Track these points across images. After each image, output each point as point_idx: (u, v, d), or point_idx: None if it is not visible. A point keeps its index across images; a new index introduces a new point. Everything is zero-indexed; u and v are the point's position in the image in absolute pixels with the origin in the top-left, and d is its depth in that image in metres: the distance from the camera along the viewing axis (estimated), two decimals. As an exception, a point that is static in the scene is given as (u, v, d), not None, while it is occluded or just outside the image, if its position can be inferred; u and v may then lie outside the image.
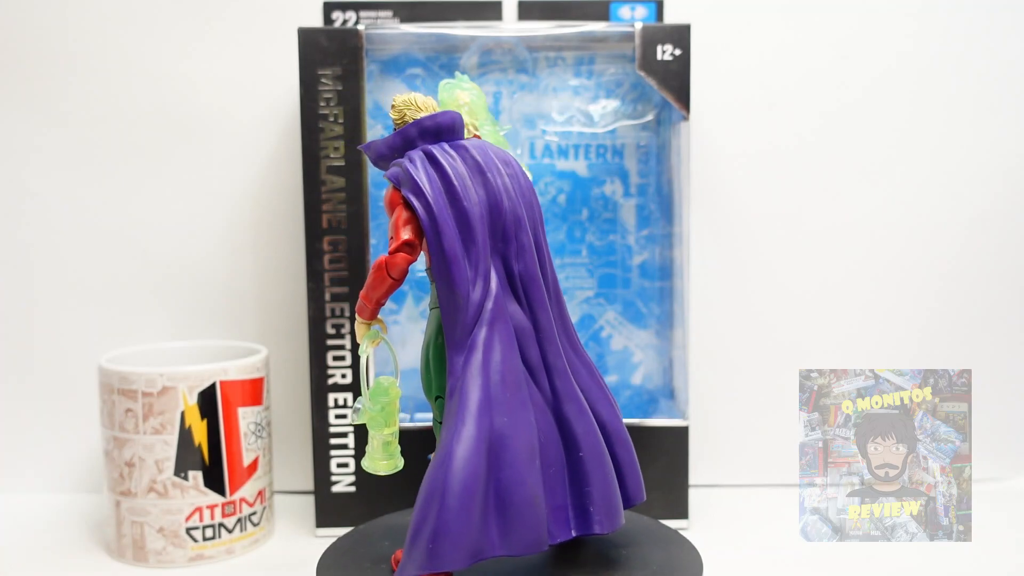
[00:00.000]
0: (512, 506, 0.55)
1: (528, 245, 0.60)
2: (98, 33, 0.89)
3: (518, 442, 0.56)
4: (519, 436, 0.56)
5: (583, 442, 0.59)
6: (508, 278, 0.59)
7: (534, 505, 0.56)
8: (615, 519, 0.60)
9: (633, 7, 0.86)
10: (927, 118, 0.90)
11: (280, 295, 0.90)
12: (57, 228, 0.90)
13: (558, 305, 0.62)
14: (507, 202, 0.59)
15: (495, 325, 0.58)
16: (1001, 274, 0.91)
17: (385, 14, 0.85)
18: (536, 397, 0.59)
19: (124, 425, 0.74)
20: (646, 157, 0.84)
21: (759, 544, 0.77)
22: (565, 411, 0.60)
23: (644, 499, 0.63)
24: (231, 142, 0.89)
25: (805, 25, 0.89)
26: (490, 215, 0.59)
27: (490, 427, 0.56)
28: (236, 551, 0.76)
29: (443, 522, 0.54)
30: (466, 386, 0.56)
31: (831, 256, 0.90)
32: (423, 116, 0.60)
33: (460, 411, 0.56)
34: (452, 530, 0.54)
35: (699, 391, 0.88)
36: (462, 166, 0.59)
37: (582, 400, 0.61)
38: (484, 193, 0.59)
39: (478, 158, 0.59)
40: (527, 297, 0.60)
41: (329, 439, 0.79)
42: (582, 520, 0.59)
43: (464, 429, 0.55)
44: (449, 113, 0.60)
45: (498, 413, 0.56)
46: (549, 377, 0.60)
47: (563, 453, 0.60)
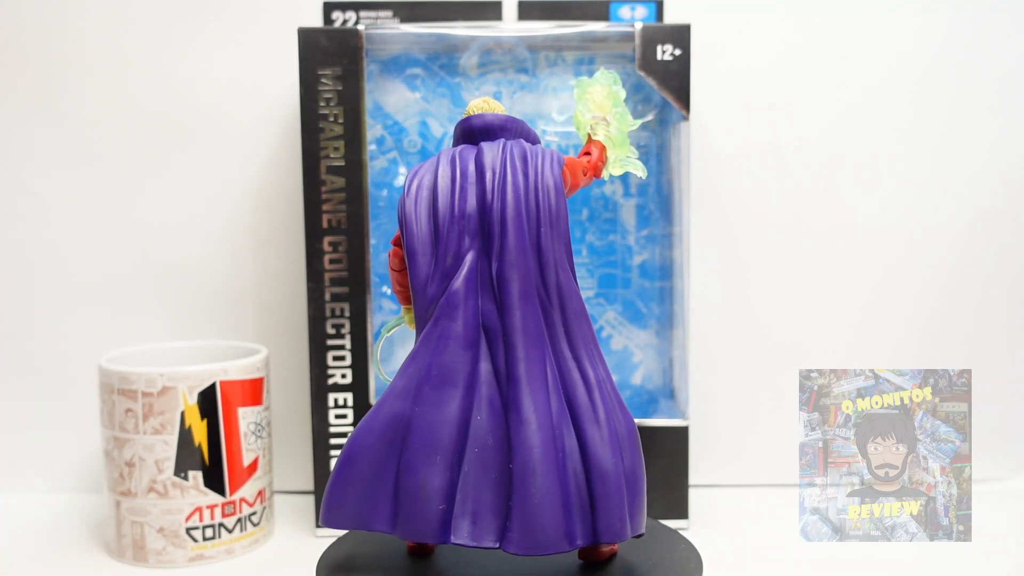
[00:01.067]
0: (402, 491, 0.58)
1: (513, 245, 0.58)
2: (98, 33, 0.89)
3: (423, 433, 0.58)
4: (425, 429, 0.58)
5: (516, 455, 0.57)
6: (489, 278, 0.59)
7: (421, 496, 0.57)
8: (534, 543, 0.56)
9: (633, 7, 0.86)
10: (927, 118, 0.90)
11: (280, 295, 0.90)
12: (57, 228, 0.90)
13: (561, 310, 0.60)
14: (496, 202, 0.59)
15: (440, 321, 0.59)
16: (1001, 274, 0.91)
17: (385, 14, 0.85)
18: (494, 399, 0.58)
19: (124, 425, 0.74)
20: (646, 157, 0.84)
21: (759, 544, 0.77)
22: (509, 419, 0.58)
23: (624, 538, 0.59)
24: (231, 142, 0.89)
25: (805, 25, 0.89)
26: (479, 215, 0.59)
27: (402, 413, 0.59)
28: (236, 551, 0.76)
29: (332, 486, 0.59)
30: (400, 372, 0.60)
31: (831, 256, 0.90)
32: (461, 119, 0.63)
33: (385, 393, 0.60)
34: (336, 495, 0.59)
35: (699, 391, 0.88)
36: (464, 169, 0.60)
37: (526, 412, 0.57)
38: (477, 194, 0.60)
39: (485, 159, 0.60)
40: (500, 298, 0.59)
41: (329, 439, 0.79)
42: (501, 532, 0.57)
43: (380, 409, 0.59)
44: (485, 116, 0.62)
45: (415, 402, 0.58)
46: (499, 382, 0.59)
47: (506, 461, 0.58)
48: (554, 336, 0.60)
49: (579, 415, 0.59)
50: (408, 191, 0.61)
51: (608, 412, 0.59)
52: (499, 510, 0.57)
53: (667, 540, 0.66)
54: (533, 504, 0.56)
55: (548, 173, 0.59)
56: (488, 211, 0.59)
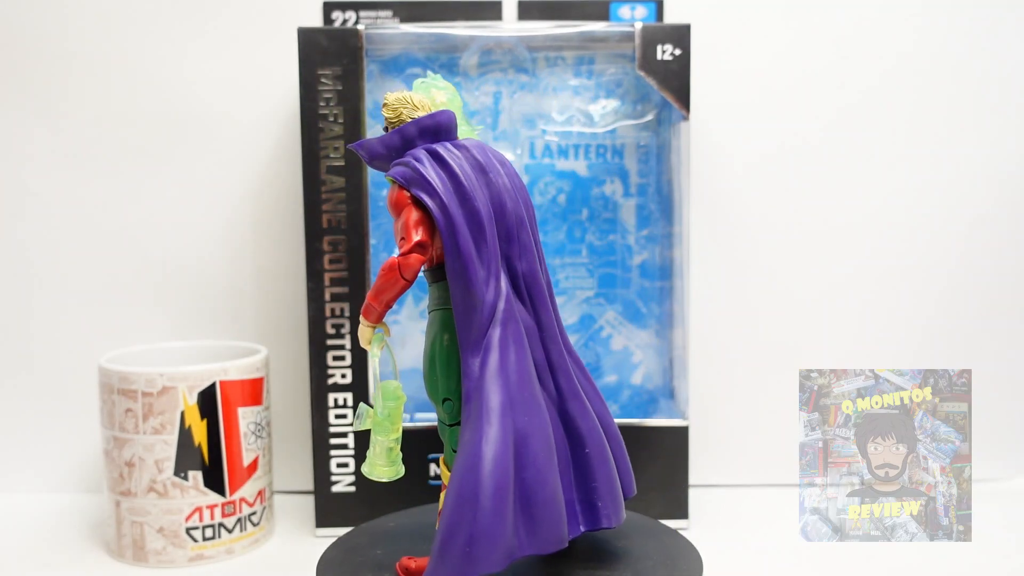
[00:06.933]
0: (536, 505, 0.55)
1: (529, 244, 0.60)
2: (98, 33, 0.89)
3: (538, 441, 0.56)
4: (539, 435, 0.57)
5: (588, 439, 0.60)
6: (512, 278, 0.59)
7: (556, 502, 0.57)
8: (620, 512, 0.61)
9: (633, 7, 0.86)
10: (926, 117, 0.90)
11: (280, 295, 0.90)
12: (57, 228, 0.90)
13: (552, 303, 0.62)
14: (509, 202, 0.59)
15: (508, 325, 0.57)
16: (1001, 274, 0.91)
17: (385, 14, 0.85)
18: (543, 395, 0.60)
19: (124, 425, 0.73)
20: (646, 157, 0.84)
21: (759, 544, 0.77)
22: (569, 408, 0.60)
23: (635, 493, 0.64)
24: (231, 142, 0.89)
25: (805, 25, 0.89)
26: (495, 215, 0.58)
27: (513, 427, 0.56)
28: (236, 551, 0.76)
29: (480, 525, 0.53)
30: (486, 387, 0.56)
31: (831, 256, 0.90)
32: (421, 115, 0.59)
33: (483, 412, 0.55)
34: (489, 533, 0.53)
35: (699, 391, 0.88)
36: (467, 165, 0.58)
37: (584, 398, 0.61)
38: (488, 193, 0.58)
39: (479, 158, 0.59)
40: (530, 296, 0.60)
41: (329, 439, 0.79)
42: (590, 515, 0.60)
43: (490, 430, 0.55)
44: (446, 112, 0.60)
45: (519, 413, 0.56)
46: (553, 375, 0.60)
47: (568, 450, 0.60)
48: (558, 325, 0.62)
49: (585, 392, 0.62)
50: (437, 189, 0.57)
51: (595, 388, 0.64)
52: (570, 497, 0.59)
53: (667, 540, 0.66)
54: (614, 478, 0.61)
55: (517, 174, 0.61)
56: (504, 211, 0.59)
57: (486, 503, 0.53)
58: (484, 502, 0.53)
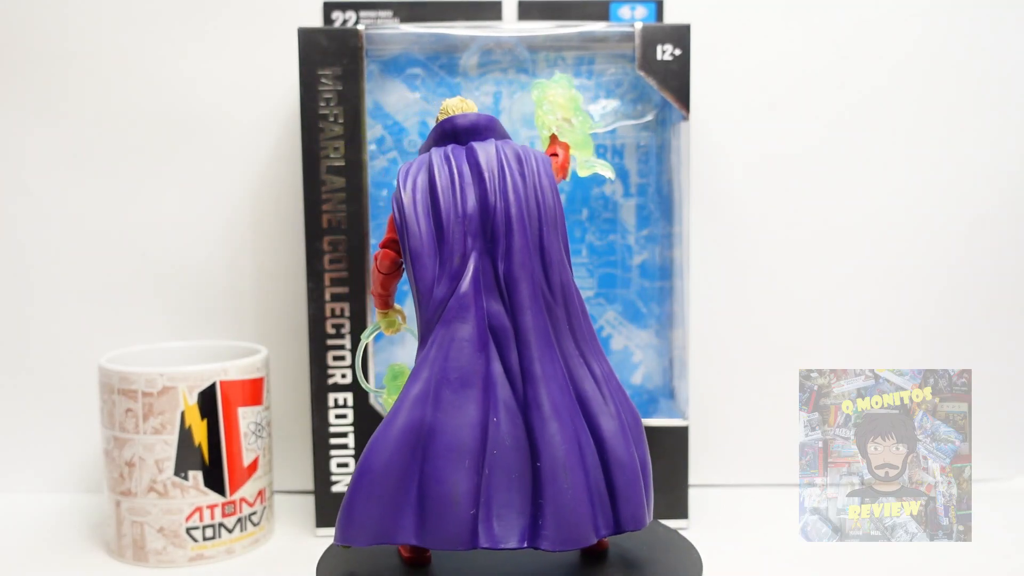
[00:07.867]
0: (429, 498, 0.57)
1: (519, 246, 0.59)
2: (97, 33, 0.89)
3: (447, 439, 0.57)
4: (450, 433, 0.57)
5: (543, 453, 0.58)
6: (495, 279, 0.59)
7: (452, 503, 0.57)
8: (568, 538, 0.57)
9: (633, 7, 0.86)
10: (927, 118, 0.90)
11: (280, 295, 0.90)
12: (57, 228, 0.90)
13: (565, 309, 0.61)
14: (498, 203, 0.59)
15: (453, 324, 0.58)
16: (1001, 274, 0.91)
17: (385, 14, 0.85)
18: (508, 401, 0.59)
19: (124, 425, 0.74)
20: (646, 157, 0.84)
21: (759, 544, 0.77)
22: (531, 418, 0.59)
23: (644, 526, 0.60)
24: (231, 142, 0.89)
25: (805, 25, 0.89)
26: (480, 216, 0.59)
27: (421, 420, 0.57)
28: (236, 551, 0.76)
29: (351, 501, 0.58)
30: (413, 378, 0.58)
31: (831, 256, 0.90)
32: (443, 119, 0.62)
33: (400, 400, 0.58)
34: (356, 510, 0.57)
35: (699, 391, 0.88)
36: (460, 169, 0.59)
37: (547, 409, 0.58)
38: (477, 194, 0.59)
39: (480, 160, 0.59)
40: (510, 299, 0.59)
41: (329, 439, 0.79)
42: (532, 532, 0.58)
43: (397, 418, 0.58)
44: (469, 115, 0.61)
45: (433, 408, 0.58)
46: (523, 382, 0.59)
47: (528, 461, 0.59)
48: (560, 334, 0.61)
49: (592, 409, 0.60)
50: (403, 190, 0.60)
51: (618, 405, 0.61)
52: (524, 510, 0.58)
53: (667, 540, 0.66)
54: (567, 499, 0.57)
55: (543, 173, 0.60)
56: (491, 212, 0.59)
57: (362, 483, 0.57)
58: (360, 481, 0.57)
